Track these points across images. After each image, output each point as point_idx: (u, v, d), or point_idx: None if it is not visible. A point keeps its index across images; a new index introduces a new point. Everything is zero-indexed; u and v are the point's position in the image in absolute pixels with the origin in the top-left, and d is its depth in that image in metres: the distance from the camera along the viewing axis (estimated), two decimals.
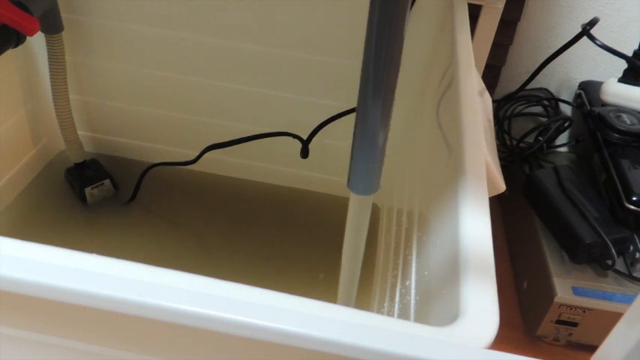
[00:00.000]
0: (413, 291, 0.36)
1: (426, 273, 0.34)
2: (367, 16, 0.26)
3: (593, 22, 0.65)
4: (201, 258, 0.66)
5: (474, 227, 0.27)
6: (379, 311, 0.51)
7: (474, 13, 0.60)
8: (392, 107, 0.29)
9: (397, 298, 0.42)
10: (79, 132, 0.71)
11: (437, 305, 0.29)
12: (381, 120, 0.29)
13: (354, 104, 0.29)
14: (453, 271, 0.26)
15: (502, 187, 0.38)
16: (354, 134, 0.30)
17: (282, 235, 0.70)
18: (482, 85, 0.48)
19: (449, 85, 0.44)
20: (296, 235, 0.70)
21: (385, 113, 0.29)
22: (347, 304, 0.39)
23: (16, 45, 0.55)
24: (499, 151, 0.78)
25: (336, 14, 0.60)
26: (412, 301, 0.36)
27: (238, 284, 0.25)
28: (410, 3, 0.26)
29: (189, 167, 0.69)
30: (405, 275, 0.40)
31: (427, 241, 0.36)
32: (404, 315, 0.37)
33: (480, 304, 0.24)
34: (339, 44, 0.62)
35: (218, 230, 0.70)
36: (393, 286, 0.46)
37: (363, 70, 0.28)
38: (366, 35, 0.27)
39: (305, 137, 0.63)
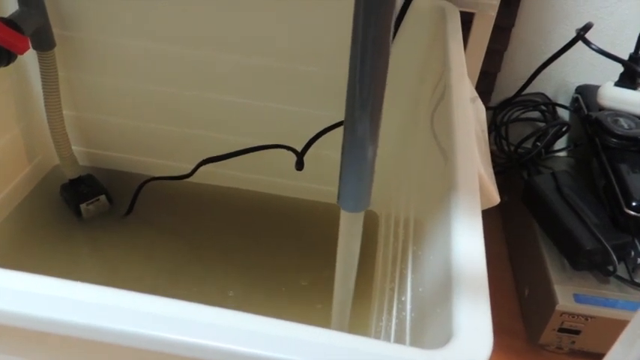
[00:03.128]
0: (409, 307, 0.35)
1: (420, 289, 0.33)
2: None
3: (587, 27, 0.64)
4: (198, 271, 0.66)
5: (466, 246, 0.27)
6: (377, 324, 0.50)
7: (468, 18, 0.60)
8: (380, 121, 0.29)
9: (394, 313, 0.41)
10: (73, 147, 0.71)
11: (431, 324, 0.29)
12: (370, 134, 0.29)
13: None
14: (445, 290, 0.26)
15: (496, 199, 0.38)
16: (343, 150, 0.30)
17: (280, 245, 0.70)
18: (475, 93, 0.48)
19: (442, 95, 0.44)
20: (294, 244, 0.70)
21: (373, 127, 0.29)
22: (341, 318, 0.38)
23: (7, 63, 0.54)
24: (497, 157, 0.78)
25: (330, 25, 0.60)
26: (408, 317, 0.35)
27: (227, 310, 0.25)
28: (394, 11, 0.26)
29: (184, 180, 0.69)
30: (401, 290, 0.40)
31: (422, 256, 0.35)
32: (400, 331, 0.37)
33: (473, 325, 0.23)
34: (333, 55, 0.62)
35: (216, 242, 0.69)
36: (391, 300, 0.45)
37: (349, 84, 0.28)
38: (351, 46, 0.26)
39: (300, 149, 0.62)
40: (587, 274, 0.61)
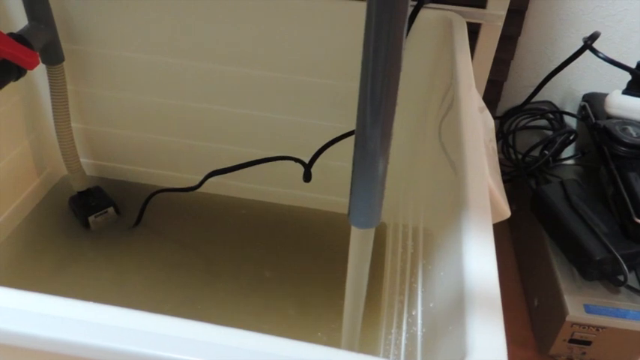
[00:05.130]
0: (419, 322, 0.35)
1: (431, 305, 0.33)
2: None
3: (594, 37, 0.64)
4: (207, 281, 0.66)
5: (478, 265, 0.27)
6: (386, 338, 0.50)
7: (475, 28, 0.60)
8: (391, 138, 0.29)
9: (404, 327, 0.41)
10: (82, 159, 0.71)
11: (444, 341, 0.28)
12: (381, 151, 0.29)
13: (354, 126, 0.29)
14: (458, 308, 0.26)
15: (507, 213, 0.37)
16: (353, 167, 0.30)
17: (288, 254, 0.69)
18: (483, 103, 0.48)
19: (449, 107, 0.44)
20: (302, 254, 0.70)
21: (384, 144, 0.29)
22: (351, 335, 0.38)
23: (17, 78, 0.55)
24: (504, 165, 0.78)
25: (337, 37, 0.60)
26: (419, 333, 0.35)
27: (235, 330, 0.25)
28: (405, 25, 0.25)
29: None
30: (412, 304, 0.39)
31: (432, 271, 0.35)
32: (411, 346, 0.37)
33: (487, 345, 0.23)
34: (338, 66, 0.62)
35: (224, 252, 0.69)
36: (400, 313, 0.45)
37: (359, 101, 0.28)
38: (362, 63, 0.26)
39: (307, 159, 0.62)
40: (597, 284, 0.60)
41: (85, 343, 0.25)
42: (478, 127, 0.38)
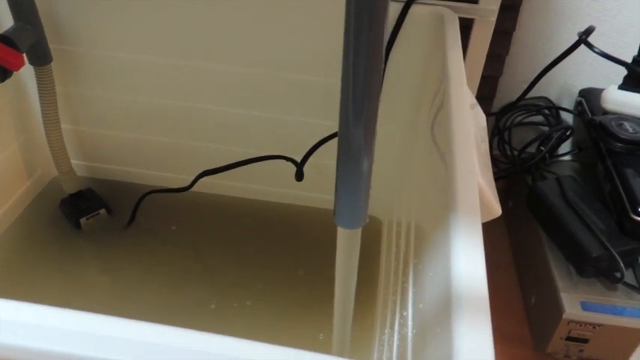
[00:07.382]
0: (410, 323, 0.35)
1: (421, 306, 0.32)
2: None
3: (588, 31, 0.63)
4: (201, 281, 0.65)
5: (466, 266, 0.26)
6: (380, 337, 0.50)
7: (468, 23, 0.59)
8: (375, 136, 0.28)
9: (396, 327, 0.41)
10: (73, 161, 0.70)
11: (432, 343, 0.28)
12: (365, 150, 0.28)
13: None
14: (445, 311, 0.25)
15: (498, 211, 0.37)
16: (337, 166, 0.29)
17: (281, 253, 0.69)
18: (474, 100, 0.47)
19: (441, 105, 0.43)
20: (296, 251, 0.69)
21: (368, 143, 0.28)
22: (342, 334, 0.37)
23: (3, 80, 0.54)
24: (500, 162, 0.77)
25: (328, 34, 0.59)
26: (409, 334, 0.34)
27: (226, 337, 0.24)
28: (386, 21, 0.25)
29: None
30: (403, 304, 0.39)
31: (422, 270, 0.34)
32: (402, 347, 0.36)
33: (474, 349, 0.23)
34: (332, 64, 0.61)
35: (217, 251, 0.69)
36: (393, 313, 0.45)
37: (341, 99, 0.27)
38: (343, 58, 0.26)
39: (300, 158, 0.62)
40: (594, 281, 0.60)
41: (75, 354, 0.24)
42: (469, 126, 0.38)
